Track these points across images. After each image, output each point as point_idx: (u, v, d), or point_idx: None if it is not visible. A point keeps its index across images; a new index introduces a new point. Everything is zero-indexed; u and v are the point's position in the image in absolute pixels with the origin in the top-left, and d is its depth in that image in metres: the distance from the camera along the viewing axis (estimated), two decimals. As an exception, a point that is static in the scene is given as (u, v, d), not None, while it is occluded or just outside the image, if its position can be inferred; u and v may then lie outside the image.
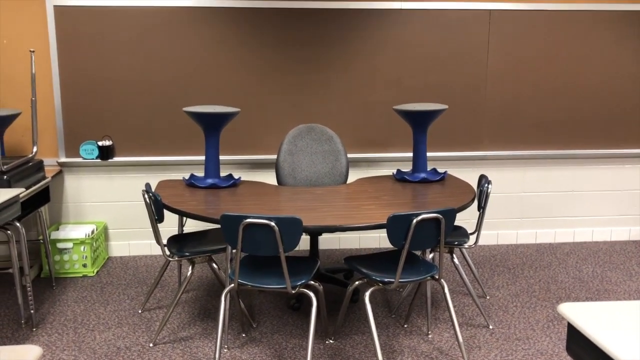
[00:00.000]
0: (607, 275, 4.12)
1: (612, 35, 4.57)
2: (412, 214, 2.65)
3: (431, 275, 2.87)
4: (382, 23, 4.37)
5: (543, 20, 4.49)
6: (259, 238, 2.64)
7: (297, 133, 3.90)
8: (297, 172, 3.84)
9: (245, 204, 3.13)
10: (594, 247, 4.75)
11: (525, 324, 3.39)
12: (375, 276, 2.82)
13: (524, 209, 4.80)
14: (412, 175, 3.71)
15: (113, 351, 3.07)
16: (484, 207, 3.33)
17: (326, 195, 3.34)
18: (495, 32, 4.47)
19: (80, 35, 4.17)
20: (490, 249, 4.69)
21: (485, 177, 3.40)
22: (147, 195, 3.04)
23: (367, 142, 4.53)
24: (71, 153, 4.32)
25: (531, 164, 4.73)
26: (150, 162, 4.39)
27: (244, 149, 4.45)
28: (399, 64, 4.44)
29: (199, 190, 3.44)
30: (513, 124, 4.62)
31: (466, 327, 3.36)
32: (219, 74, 4.32)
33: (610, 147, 4.75)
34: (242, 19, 4.26)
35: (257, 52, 4.32)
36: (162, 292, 3.83)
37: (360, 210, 3.00)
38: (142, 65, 4.25)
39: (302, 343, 3.17)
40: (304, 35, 4.33)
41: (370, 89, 4.45)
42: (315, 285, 2.90)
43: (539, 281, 4.02)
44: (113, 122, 4.30)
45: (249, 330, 3.31)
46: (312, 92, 4.41)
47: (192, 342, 3.17)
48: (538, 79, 4.58)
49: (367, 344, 3.16)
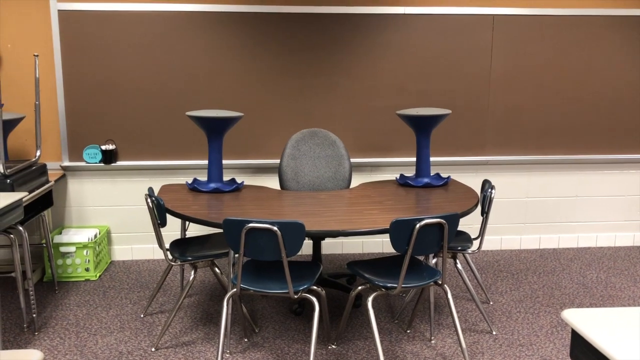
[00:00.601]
0: (612, 281, 4.10)
1: (616, 40, 4.56)
2: (415, 219, 2.64)
3: (434, 281, 2.85)
4: (385, 28, 4.37)
5: (547, 25, 4.49)
6: (262, 243, 2.63)
7: (300, 137, 3.90)
8: (300, 176, 3.84)
9: (248, 208, 3.13)
10: (598, 252, 4.73)
11: (529, 330, 3.37)
12: (378, 281, 2.81)
13: (528, 214, 4.79)
14: (416, 180, 3.70)
15: (115, 355, 3.07)
16: (487, 212, 3.31)
17: (329, 199, 3.33)
18: (498, 37, 4.47)
19: (84, 40, 4.18)
20: (493, 254, 4.68)
21: (488, 182, 3.39)
22: (149, 199, 3.04)
23: (370, 146, 4.52)
24: (74, 157, 4.33)
25: (535, 169, 4.72)
26: (153, 167, 4.39)
27: (247, 153, 4.45)
28: (402, 69, 4.44)
29: (201, 194, 3.44)
30: (517, 129, 4.61)
31: (469, 332, 3.35)
32: (222, 79, 4.33)
33: (615, 153, 4.73)
34: (246, 23, 4.27)
35: (260, 56, 4.32)
36: (165, 296, 3.83)
37: (363, 215, 2.99)
38: (145, 69, 4.26)
39: (305, 348, 3.16)
40: (308, 40, 4.33)
41: (374, 94, 4.45)
42: (317, 290, 2.90)
43: (542, 287, 4.00)
44: (116, 126, 4.31)
45: (251, 335, 3.30)
46: (315, 96, 4.41)
47: (194, 347, 3.16)
48: (542, 84, 4.57)
49: (369, 349, 3.15)
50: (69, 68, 4.20)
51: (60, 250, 4.06)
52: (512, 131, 4.61)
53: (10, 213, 3.04)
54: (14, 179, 3.39)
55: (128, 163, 4.35)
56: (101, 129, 4.31)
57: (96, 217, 4.46)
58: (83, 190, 4.40)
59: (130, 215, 4.48)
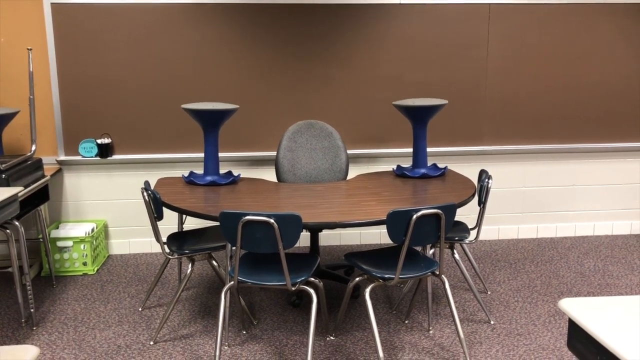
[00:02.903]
0: (609, 270, 4.11)
1: (614, 29, 4.54)
2: (412, 209, 2.63)
3: (432, 271, 2.86)
4: (381, 19, 4.35)
5: (543, 14, 4.47)
6: (259, 235, 2.63)
7: (296, 129, 3.88)
8: (296, 168, 3.83)
9: (245, 201, 3.12)
10: (595, 241, 4.74)
11: (527, 319, 3.38)
12: (375, 272, 2.81)
13: (525, 203, 4.79)
14: (412, 170, 3.70)
15: (113, 349, 3.07)
16: (484, 202, 3.31)
17: (326, 191, 3.33)
18: (495, 27, 4.45)
19: (78, 33, 4.15)
20: (491, 244, 4.68)
21: (485, 172, 3.38)
22: (146, 193, 3.03)
23: (367, 138, 4.51)
24: (70, 151, 4.31)
25: (532, 158, 4.72)
26: (149, 160, 4.38)
27: (243, 145, 4.43)
28: (399, 60, 4.42)
29: (198, 187, 3.43)
30: (513, 119, 4.60)
31: (467, 322, 3.35)
32: (218, 71, 4.31)
33: (611, 141, 4.73)
34: (241, 15, 4.25)
35: (256, 48, 4.30)
36: (162, 289, 3.83)
37: (360, 207, 2.98)
38: (140, 62, 4.23)
39: (303, 340, 3.16)
40: (303, 32, 4.31)
41: (370, 85, 4.43)
42: (315, 282, 2.90)
43: (540, 276, 4.01)
44: (112, 119, 4.29)
45: (250, 328, 3.30)
46: (311, 88, 4.39)
47: (193, 340, 3.16)
48: (538, 73, 4.56)
49: (367, 340, 3.16)
50: (64, 62, 4.18)
51: (58, 245, 4.06)
52: (509, 121, 4.60)
53: (5, 208, 3.03)
54: (9, 173, 3.37)
55: (124, 157, 4.33)
56: (97, 123, 4.29)
57: (93, 211, 4.45)
58: (79, 185, 4.39)
59: (127, 209, 4.47)
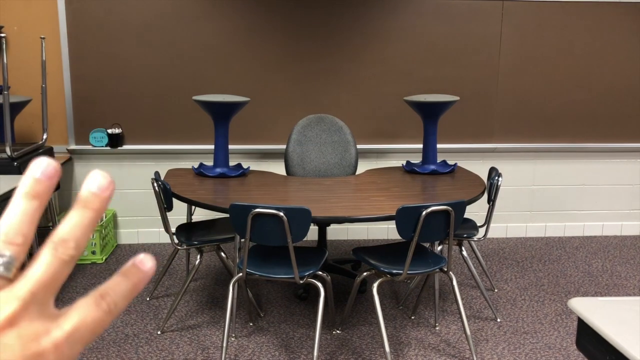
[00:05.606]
0: (617, 270, 4.10)
1: (627, 28, 4.51)
2: (421, 206, 2.63)
3: (439, 268, 2.85)
4: (393, 12, 4.33)
5: (556, 12, 4.44)
6: (268, 228, 2.63)
7: (306, 123, 3.88)
8: (306, 162, 3.83)
9: (254, 193, 3.13)
10: (604, 241, 4.72)
11: (534, 318, 3.37)
12: (383, 267, 2.81)
13: (534, 202, 4.77)
14: (422, 166, 3.69)
15: (121, 338, 3.09)
16: (493, 199, 3.30)
17: (335, 186, 3.33)
18: (508, 24, 4.43)
19: (90, 23, 4.16)
20: (499, 242, 4.67)
21: (495, 170, 3.38)
22: (156, 183, 3.05)
23: (377, 133, 4.51)
24: (81, 140, 4.33)
25: (542, 157, 4.70)
26: (159, 151, 4.39)
27: (254, 138, 4.44)
28: (410, 55, 4.40)
29: (208, 179, 3.44)
30: (524, 117, 4.58)
31: (474, 319, 3.35)
32: (230, 63, 4.31)
33: (622, 141, 4.70)
34: (253, 7, 4.24)
35: (268, 41, 4.30)
36: (170, 280, 3.84)
37: (369, 202, 2.98)
38: (152, 52, 4.24)
39: (310, 333, 3.17)
40: (315, 24, 4.30)
41: (381, 80, 4.42)
42: (323, 276, 2.90)
43: (547, 275, 4.00)
44: (123, 109, 4.30)
45: (257, 320, 3.31)
46: (322, 82, 4.39)
47: (200, 330, 3.18)
48: (550, 72, 4.53)
49: (374, 335, 3.16)
50: (76, 51, 4.19)
51: (67, 233, 4.08)
52: (519, 119, 4.58)
53: (17, 196, 3.05)
54: (20, 161, 3.39)
55: (134, 147, 4.35)
56: (108, 113, 4.30)
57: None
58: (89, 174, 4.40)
59: (136, 199, 4.49)
